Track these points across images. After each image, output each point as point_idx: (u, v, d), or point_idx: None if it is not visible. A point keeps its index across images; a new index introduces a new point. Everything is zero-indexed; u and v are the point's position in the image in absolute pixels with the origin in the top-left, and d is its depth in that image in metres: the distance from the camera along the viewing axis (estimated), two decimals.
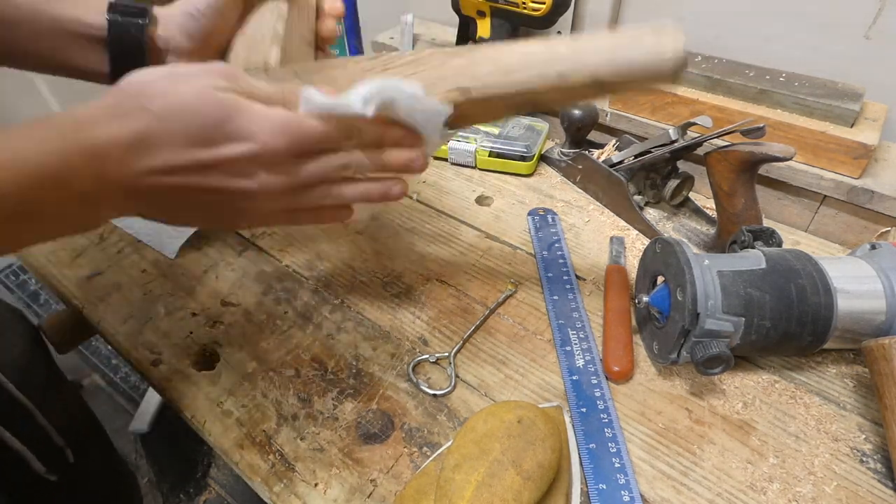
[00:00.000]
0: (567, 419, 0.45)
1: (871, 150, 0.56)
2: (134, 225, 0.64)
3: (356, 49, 0.79)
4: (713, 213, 0.58)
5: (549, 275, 0.57)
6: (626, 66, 0.36)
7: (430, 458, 0.42)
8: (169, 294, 0.57)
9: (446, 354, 0.50)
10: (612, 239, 0.62)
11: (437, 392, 0.47)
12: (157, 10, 0.42)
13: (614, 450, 0.43)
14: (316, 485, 0.42)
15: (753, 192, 0.53)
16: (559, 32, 0.83)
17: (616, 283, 0.55)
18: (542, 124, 0.74)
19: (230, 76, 0.33)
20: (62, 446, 0.57)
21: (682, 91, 0.66)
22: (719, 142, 0.57)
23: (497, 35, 0.71)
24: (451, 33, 0.88)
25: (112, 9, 0.40)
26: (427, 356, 0.50)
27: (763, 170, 0.60)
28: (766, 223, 0.56)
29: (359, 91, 0.34)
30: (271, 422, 0.46)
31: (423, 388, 0.47)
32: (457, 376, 0.48)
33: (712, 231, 0.60)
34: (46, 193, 0.29)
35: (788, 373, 0.49)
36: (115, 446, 0.78)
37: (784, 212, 0.65)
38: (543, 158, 0.74)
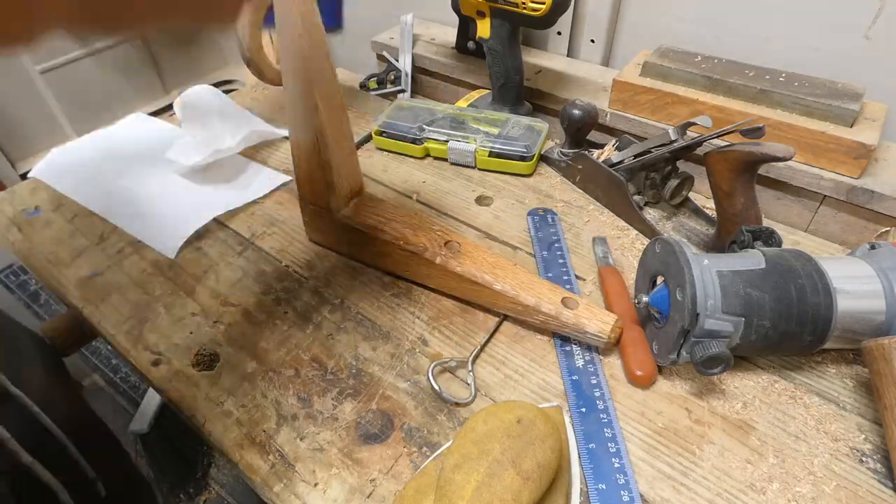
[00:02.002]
0: (567, 419, 0.45)
1: (870, 149, 0.56)
2: (134, 225, 0.64)
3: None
4: (713, 213, 0.58)
5: (549, 275, 0.57)
6: None
7: (430, 458, 0.42)
8: (169, 294, 0.57)
9: (464, 360, 0.49)
10: (594, 240, 0.61)
11: (460, 401, 0.47)
12: None
13: (614, 450, 0.43)
14: (316, 485, 0.42)
15: (753, 192, 0.53)
16: (559, 33, 0.83)
17: (614, 285, 0.54)
18: (541, 124, 0.74)
19: None
20: (94, 479, 0.55)
21: (683, 91, 0.66)
22: (719, 142, 0.57)
23: (497, 35, 0.71)
24: (451, 33, 0.89)
25: None
26: (447, 360, 0.49)
27: (763, 170, 0.60)
28: (766, 223, 0.56)
29: None
30: (271, 422, 0.46)
31: (445, 395, 0.47)
32: (477, 389, 0.48)
33: (712, 231, 0.60)
34: None
35: (788, 373, 0.49)
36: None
37: (784, 212, 0.65)
38: (543, 158, 0.74)
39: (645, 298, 0.48)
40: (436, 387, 0.47)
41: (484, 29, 0.72)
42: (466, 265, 0.52)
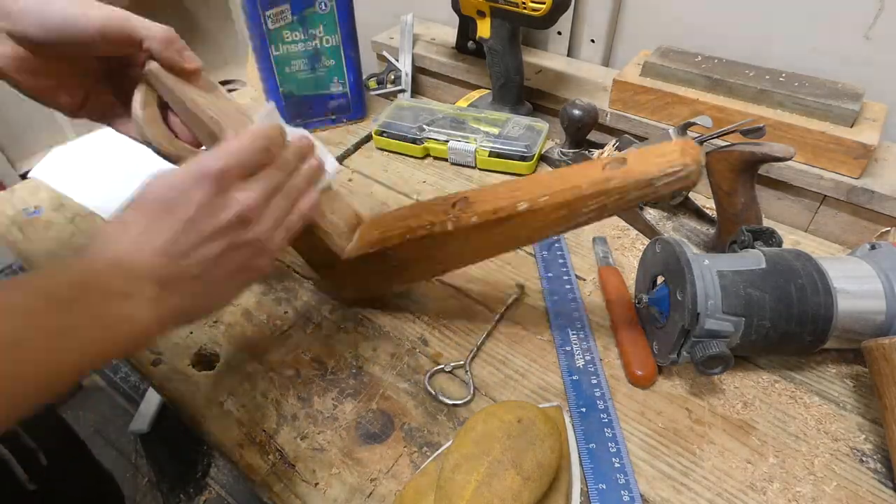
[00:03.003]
0: (567, 419, 0.45)
1: (870, 150, 0.56)
2: None
3: (352, 59, 0.78)
4: (713, 213, 0.58)
5: (549, 275, 0.57)
6: None
7: (430, 458, 0.42)
8: None
9: (461, 363, 0.49)
10: (594, 240, 0.61)
11: (457, 402, 0.46)
12: None
13: (614, 450, 0.43)
14: (316, 484, 0.42)
15: (753, 192, 0.53)
16: (559, 33, 0.83)
17: (614, 285, 0.54)
18: (542, 124, 0.74)
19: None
20: (33, 448, 0.56)
21: (683, 91, 0.66)
22: (719, 142, 0.57)
23: (497, 35, 0.71)
24: (451, 33, 0.89)
25: None
26: (443, 366, 0.49)
27: (763, 170, 0.60)
28: (766, 223, 0.56)
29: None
30: (271, 422, 0.46)
31: (441, 398, 0.47)
32: (475, 388, 0.48)
33: (712, 231, 0.60)
34: (75, 293, 0.30)
35: (788, 373, 0.49)
36: (115, 447, 0.76)
37: (784, 212, 0.65)
38: (543, 158, 0.74)
39: (645, 298, 0.48)
40: (432, 392, 0.47)
41: (484, 29, 0.72)
42: (480, 211, 0.43)
